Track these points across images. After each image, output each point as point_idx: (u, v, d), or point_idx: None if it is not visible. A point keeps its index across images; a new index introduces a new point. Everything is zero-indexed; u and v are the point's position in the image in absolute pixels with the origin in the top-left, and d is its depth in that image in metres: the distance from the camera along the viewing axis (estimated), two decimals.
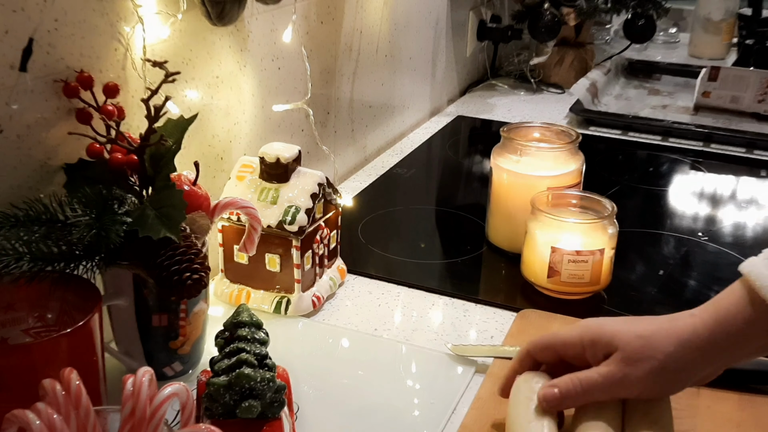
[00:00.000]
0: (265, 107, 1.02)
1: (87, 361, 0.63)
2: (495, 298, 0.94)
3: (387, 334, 0.86)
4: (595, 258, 0.90)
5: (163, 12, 0.80)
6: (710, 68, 1.70)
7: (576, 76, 1.78)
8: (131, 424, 0.53)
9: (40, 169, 0.71)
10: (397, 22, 1.37)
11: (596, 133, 1.54)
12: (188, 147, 0.88)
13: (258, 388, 0.62)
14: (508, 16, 1.80)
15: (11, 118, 0.67)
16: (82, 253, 0.65)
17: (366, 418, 0.73)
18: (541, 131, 1.05)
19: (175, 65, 0.84)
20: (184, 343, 0.76)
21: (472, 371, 0.80)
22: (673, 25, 2.27)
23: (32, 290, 0.66)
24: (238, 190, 0.88)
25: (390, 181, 1.29)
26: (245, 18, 0.95)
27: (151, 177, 0.72)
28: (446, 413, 0.73)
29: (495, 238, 1.05)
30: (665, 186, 1.31)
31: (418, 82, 1.53)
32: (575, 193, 0.97)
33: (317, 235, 0.89)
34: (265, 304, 0.88)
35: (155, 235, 0.66)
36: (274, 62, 1.02)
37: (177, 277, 0.66)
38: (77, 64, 0.72)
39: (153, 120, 0.71)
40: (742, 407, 0.74)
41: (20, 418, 0.50)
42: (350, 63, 1.24)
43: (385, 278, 0.97)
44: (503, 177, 1.02)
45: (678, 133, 1.51)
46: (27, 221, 0.64)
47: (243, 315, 0.66)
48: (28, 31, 0.66)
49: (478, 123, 1.60)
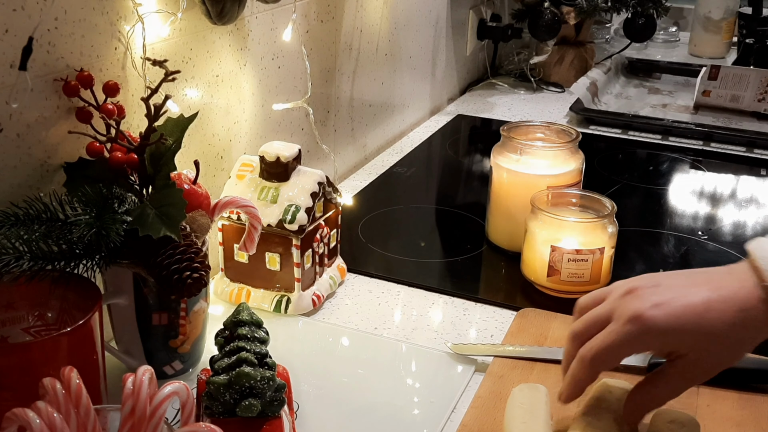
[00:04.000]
0: (265, 106, 1.02)
1: (87, 360, 0.63)
2: (495, 297, 0.94)
3: (387, 333, 0.86)
4: (595, 257, 0.90)
5: (163, 11, 0.80)
6: (710, 67, 1.70)
7: (576, 75, 1.78)
8: (131, 423, 0.53)
9: (40, 168, 0.71)
10: (397, 21, 1.37)
11: (596, 132, 1.54)
12: (188, 146, 0.88)
13: (258, 387, 0.62)
14: (508, 15, 1.80)
15: (11, 116, 0.67)
16: (82, 252, 0.65)
17: (366, 417, 0.73)
18: (541, 130, 1.05)
19: (175, 64, 0.84)
20: (184, 341, 0.76)
21: (472, 370, 0.80)
22: (673, 24, 2.27)
23: (32, 289, 0.66)
24: (238, 188, 0.88)
25: (390, 180, 1.29)
26: (245, 17, 0.95)
27: (151, 176, 0.72)
28: (446, 412, 0.74)
29: (495, 237, 1.05)
30: (665, 185, 1.31)
31: (418, 80, 1.53)
32: (575, 192, 0.97)
33: (317, 233, 0.89)
34: (265, 302, 0.88)
35: (155, 233, 0.66)
36: (274, 61, 1.02)
37: (177, 276, 0.66)
38: (77, 62, 0.72)
39: (153, 119, 0.71)
40: (742, 406, 0.74)
41: (20, 416, 0.50)
42: (350, 62, 1.24)
43: (385, 277, 0.97)
44: (503, 176, 1.02)
45: (678, 132, 1.51)
46: (27, 220, 0.64)
47: (243, 314, 0.67)
48: (28, 30, 0.66)
49: (478, 122, 1.60)
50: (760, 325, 0.60)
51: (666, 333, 0.60)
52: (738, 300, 0.60)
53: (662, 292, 0.61)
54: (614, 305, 0.63)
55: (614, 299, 0.63)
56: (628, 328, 0.61)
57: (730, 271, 0.63)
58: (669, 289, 0.62)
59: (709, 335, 0.60)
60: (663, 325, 0.60)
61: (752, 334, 0.61)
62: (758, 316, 0.60)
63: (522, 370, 0.78)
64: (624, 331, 0.61)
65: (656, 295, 0.61)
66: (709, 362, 0.62)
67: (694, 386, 0.63)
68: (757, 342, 0.61)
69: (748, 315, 0.60)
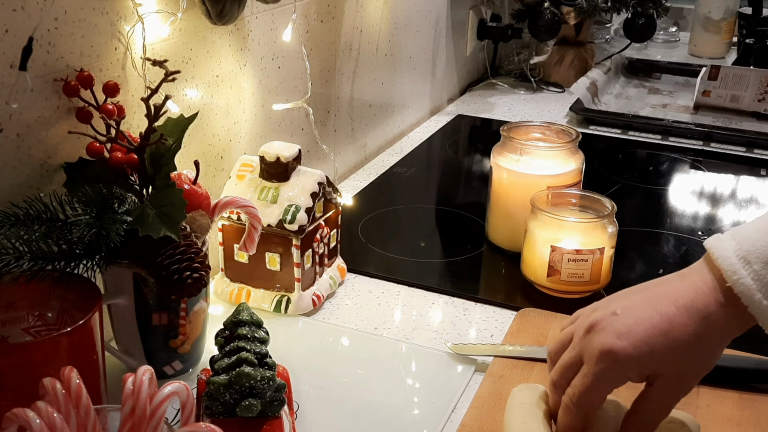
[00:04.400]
0: (265, 106, 1.02)
1: (87, 360, 0.63)
2: (495, 296, 0.94)
3: (387, 333, 0.86)
4: (595, 257, 0.90)
5: (163, 11, 0.80)
6: (710, 67, 1.70)
7: (576, 75, 1.78)
8: (131, 423, 0.53)
9: (40, 168, 0.71)
10: (397, 21, 1.37)
11: (596, 132, 1.54)
12: (188, 146, 0.88)
13: (258, 387, 0.62)
14: (508, 15, 1.80)
15: (11, 117, 0.67)
16: (83, 252, 0.65)
17: (366, 417, 0.73)
18: (541, 130, 1.05)
19: (175, 64, 0.84)
20: (184, 341, 0.76)
21: (472, 370, 0.80)
22: (673, 24, 2.27)
23: (32, 289, 0.66)
24: (238, 189, 0.88)
25: (390, 180, 1.29)
26: (245, 17, 0.95)
27: (151, 176, 0.72)
28: (446, 412, 0.74)
29: (495, 237, 1.05)
30: (665, 185, 1.31)
31: (418, 81, 1.53)
32: (575, 192, 0.97)
33: (317, 233, 0.89)
34: (265, 302, 0.88)
35: (155, 234, 0.66)
36: (274, 61, 1.02)
37: (177, 276, 0.66)
38: (77, 63, 0.72)
39: (153, 119, 0.71)
40: (742, 406, 0.74)
41: (20, 416, 0.50)
42: (350, 62, 1.24)
43: (385, 277, 0.97)
44: (503, 176, 1.02)
45: (678, 132, 1.51)
46: (27, 220, 0.64)
47: (243, 314, 0.67)
48: (28, 30, 0.66)
49: (478, 122, 1.60)
50: (722, 328, 0.60)
51: (639, 361, 0.60)
52: (697, 309, 0.60)
53: (622, 319, 0.61)
54: (581, 346, 0.62)
55: (579, 340, 0.63)
56: (601, 366, 0.60)
57: (682, 278, 0.62)
58: (628, 314, 0.61)
59: (677, 351, 0.60)
60: (634, 354, 0.59)
61: (719, 338, 0.61)
62: (719, 320, 0.60)
63: (522, 370, 0.78)
64: (597, 371, 0.60)
65: (617, 324, 0.61)
66: (686, 376, 0.62)
67: (681, 399, 0.62)
68: (725, 343, 0.61)
69: (710, 322, 0.60)
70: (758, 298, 0.57)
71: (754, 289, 0.57)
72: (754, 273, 0.58)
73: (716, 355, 0.61)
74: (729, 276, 0.58)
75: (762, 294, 0.57)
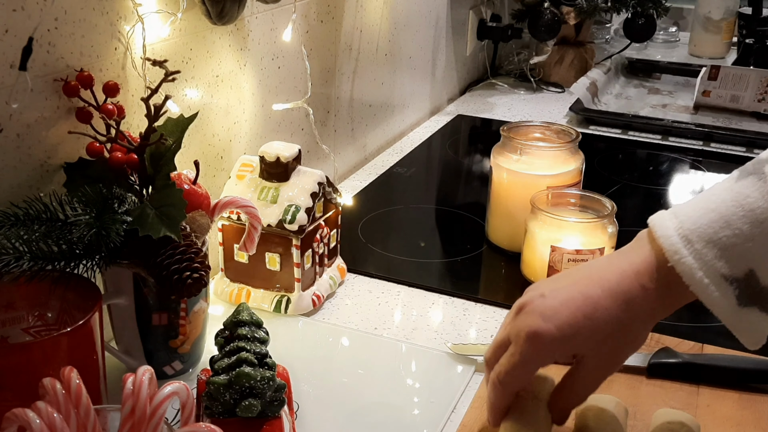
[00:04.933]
0: (265, 106, 1.02)
1: (87, 360, 0.63)
2: (495, 297, 0.94)
3: (387, 333, 0.86)
4: (595, 257, 0.90)
5: (163, 11, 0.80)
6: (710, 67, 1.70)
7: (576, 75, 1.78)
8: (131, 423, 0.53)
9: (40, 168, 0.71)
10: (396, 21, 1.37)
11: (596, 132, 1.54)
12: (188, 146, 0.88)
13: (258, 387, 0.62)
14: (508, 15, 1.80)
15: (11, 117, 0.67)
16: (83, 252, 0.65)
17: (366, 417, 0.73)
18: (541, 130, 1.05)
19: (175, 64, 0.84)
20: (184, 341, 0.76)
21: (472, 370, 0.80)
22: (673, 24, 2.27)
23: (32, 289, 0.66)
24: (238, 189, 0.88)
25: (390, 180, 1.29)
26: (245, 17, 0.95)
27: (151, 176, 0.72)
28: (446, 412, 0.74)
29: (495, 237, 1.05)
30: (665, 185, 1.31)
31: (418, 81, 1.53)
32: (575, 192, 0.97)
33: (317, 234, 0.89)
34: (265, 303, 0.88)
35: (155, 234, 0.66)
36: (274, 61, 1.02)
37: (177, 276, 0.66)
38: (77, 63, 0.72)
39: (153, 119, 0.71)
40: (742, 406, 0.74)
41: (20, 416, 0.50)
42: (350, 62, 1.24)
43: (385, 277, 0.97)
44: (503, 176, 1.02)
45: (678, 132, 1.51)
46: (27, 220, 0.64)
47: (243, 314, 0.67)
48: (28, 30, 0.66)
49: (478, 122, 1.60)
50: (645, 311, 0.61)
51: (563, 342, 0.61)
52: (621, 293, 0.61)
53: (548, 302, 0.62)
54: (510, 327, 0.63)
55: (509, 321, 0.64)
56: (526, 347, 0.61)
57: (610, 262, 0.63)
58: (555, 296, 0.62)
59: (601, 333, 0.61)
60: (558, 336, 0.60)
61: (641, 322, 0.62)
62: (641, 303, 0.60)
63: None
64: (522, 351, 0.61)
65: (543, 306, 0.61)
66: (611, 356, 0.63)
67: (609, 376, 0.64)
68: (650, 326, 0.62)
69: (632, 306, 0.60)
70: (699, 277, 0.58)
71: (695, 267, 0.58)
72: (695, 252, 0.58)
73: (640, 336, 0.62)
74: (671, 256, 0.59)
75: (703, 272, 0.58)
